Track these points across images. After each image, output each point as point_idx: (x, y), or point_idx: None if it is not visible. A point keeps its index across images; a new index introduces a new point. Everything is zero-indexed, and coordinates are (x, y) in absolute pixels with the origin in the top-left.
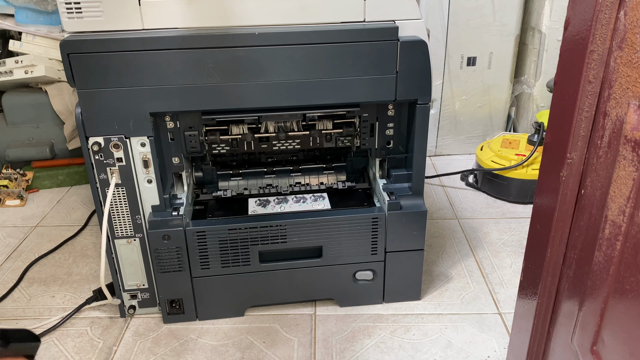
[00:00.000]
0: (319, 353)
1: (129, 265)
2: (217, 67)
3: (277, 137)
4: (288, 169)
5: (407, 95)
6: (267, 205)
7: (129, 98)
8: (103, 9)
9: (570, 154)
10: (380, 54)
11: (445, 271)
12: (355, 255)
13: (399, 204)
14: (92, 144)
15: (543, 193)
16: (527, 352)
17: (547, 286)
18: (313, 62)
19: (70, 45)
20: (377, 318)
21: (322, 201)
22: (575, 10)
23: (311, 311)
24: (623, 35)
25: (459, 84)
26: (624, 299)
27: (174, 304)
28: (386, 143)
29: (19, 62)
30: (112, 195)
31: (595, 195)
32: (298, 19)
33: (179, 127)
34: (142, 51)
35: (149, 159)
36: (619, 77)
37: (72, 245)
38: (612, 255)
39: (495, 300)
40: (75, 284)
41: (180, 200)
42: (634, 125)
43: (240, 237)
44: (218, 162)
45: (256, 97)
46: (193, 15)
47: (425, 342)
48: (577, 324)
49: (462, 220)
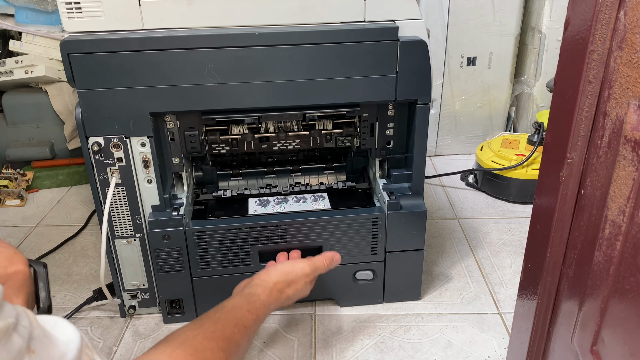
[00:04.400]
0: (319, 353)
1: (129, 265)
2: (217, 67)
3: (277, 137)
4: (288, 169)
5: (407, 95)
6: (267, 205)
7: (129, 98)
8: (103, 9)
9: (570, 154)
10: (380, 54)
11: (445, 271)
12: (355, 255)
13: (399, 204)
14: (92, 144)
15: (543, 193)
16: (527, 352)
17: (547, 286)
18: (313, 62)
19: (70, 45)
20: (377, 318)
21: (322, 201)
22: (575, 10)
23: (311, 311)
24: (623, 35)
25: (459, 84)
26: (623, 299)
27: (174, 304)
28: (386, 143)
29: (19, 62)
30: (112, 195)
31: (595, 195)
32: (298, 19)
33: (179, 127)
34: (142, 51)
35: (149, 159)
36: (619, 77)
37: (72, 245)
38: (612, 255)
39: (495, 300)
40: (75, 284)
41: (180, 200)
42: (634, 125)
43: (240, 237)
44: (218, 162)
45: (256, 97)
46: (193, 15)
47: (425, 342)
48: (577, 324)
49: (462, 220)
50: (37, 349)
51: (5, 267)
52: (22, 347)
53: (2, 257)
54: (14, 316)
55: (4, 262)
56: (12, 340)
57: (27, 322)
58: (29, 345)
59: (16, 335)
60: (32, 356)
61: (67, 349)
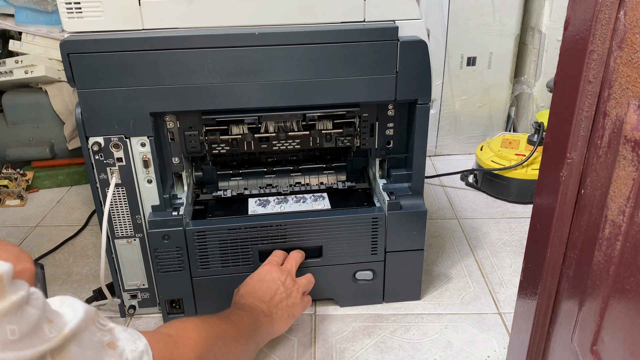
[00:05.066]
0: (319, 353)
1: (129, 265)
2: (217, 67)
3: (277, 137)
4: (288, 169)
5: (407, 95)
6: (267, 205)
7: (129, 98)
8: (103, 9)
9: (570, 154)
10: (380, 54)
11: (445, 271)
12: (355, 255)
13: (399, 204)
14: (92, 144)
15: (543, 193)
16: (527, 352)
17: (547, 286)
18: (313, 62)
19: (70, 45)
20: (377, 318)
21: (322, 201)
22: (575, 10)
23: (311, 311)
24: (623, 35)
25: (459, 84)
26: (623, 299)
27: (174, 304)
28: (386, 143)
29: (19, 62)
30: (112, 195)
31: (595, 195)
32: (298, 19)
33: (179, 127)
34: (142, 51)
35: (149, 159)
36: (619, 77)
37: (72, 245)
38: (612, 255)
39: (495, 300)
40: (75, 284)
41: (180, 200)
42: (634, 125)
43: (240, 237)
44: (218, 162)
45: (256, 97)
46: (193, 15)
47: (425, 342)
48: (577, 323)
49: (462, 220)
50: (54, 319)
51: (15, 265)
52: (41, 316)
53: (10, 255)
54: (26, 290)
55: (12, 259)
56: (28, 311)
57: (40, 295)
58: (45, 315)
59: (30, 308)
60: (51, 325)
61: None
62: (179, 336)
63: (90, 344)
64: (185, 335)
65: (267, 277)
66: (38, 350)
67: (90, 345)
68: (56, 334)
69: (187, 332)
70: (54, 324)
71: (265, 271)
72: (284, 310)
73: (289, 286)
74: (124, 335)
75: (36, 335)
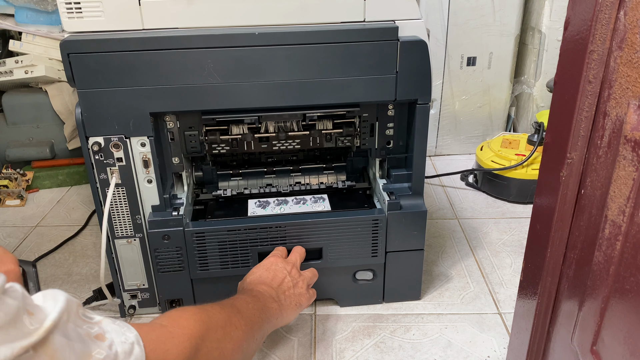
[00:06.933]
0: (319, 353)
1: (129, 265)
2: (217, 67)
3: (277, 137)
4: (288, 169)
5: (407, 95)
6: (267, 206)
7: (129, 98)
8: (103, 9)
9: (570, 154)
10: (380, 54)
11: (445, 271)
12: (356, 256)
13: (399, 204)
14: (92, 144)
15: (543, 193)
16: (527, 352)
17: (547, 286)
18: (313, 62)
19: (70, 45)
20: (377, 318)
21: (322, 202)
22: (575, 10)
23: (311, 311)
24: (623, 35)
25: (459, 84)
26: (623, 299)
27: (174, 304)
28: (386, 143)
29: (19, 62)
30: (112, 195)
31: (595, 195)
32: (298, 19)
33: (179, 127)
34: (142, 51)
35: (149, 159)
36: (619, 77)
37: (72, 245)
38: (612, 255)
39: (495, 300)
40: (75, 284)
41: (180, 200)
42: (634, 125)
43: (239, 239)
44: (218, 162)
45: (256, 97)
46: (193, 15)
47: (425, 342)
48: (577, 324)
49: (462, 220)
50: (34, 312)
51: None
52: (20, 307)
53: None
54: (2, 281)
55: None
56: (5, 301)
57: (18, 287)
58: (25, 308)
59: (8, 298)
60: (31, 317)
61: (54, 307)
62: (173, 326)
63: (76, 336)
64: (180, 325)
65: (273, 267)
66: (22, 345)
67: (77, 337)
68: (38, 326)
69: (182, 322)
70: (34, 316)
71: (271, 262)
72: (292, 298)
73: (295, 276)
74: (113, 327)
75: (15, 326)
